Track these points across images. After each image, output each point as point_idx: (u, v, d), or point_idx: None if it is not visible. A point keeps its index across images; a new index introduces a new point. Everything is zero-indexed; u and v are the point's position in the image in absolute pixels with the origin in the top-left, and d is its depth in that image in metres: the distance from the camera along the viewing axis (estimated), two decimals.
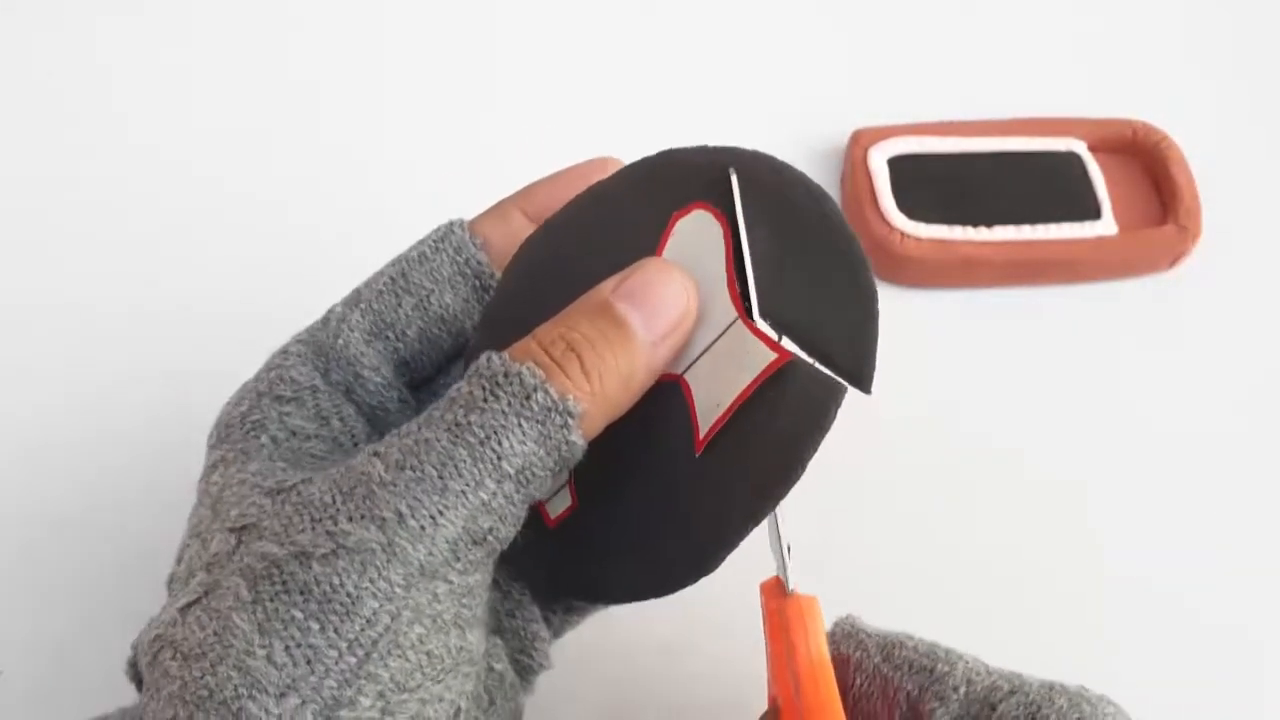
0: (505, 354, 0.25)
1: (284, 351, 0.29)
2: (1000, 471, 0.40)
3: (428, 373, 0.31)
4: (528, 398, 0.25)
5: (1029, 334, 0.44)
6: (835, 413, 0.26)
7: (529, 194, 0.32)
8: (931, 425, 0.41)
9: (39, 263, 0.44)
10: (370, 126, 0.47)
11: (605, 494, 0.28)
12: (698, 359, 0.27)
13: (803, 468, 0.26)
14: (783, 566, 0.27)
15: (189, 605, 0.24)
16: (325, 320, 0.30)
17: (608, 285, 0.27)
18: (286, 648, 0.23)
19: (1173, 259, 0.45)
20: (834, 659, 0.27)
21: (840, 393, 0.26)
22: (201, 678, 0.23)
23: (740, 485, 0.26)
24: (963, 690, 0.26)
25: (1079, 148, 0.46)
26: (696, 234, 0.28)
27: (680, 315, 0.27)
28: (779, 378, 0.26)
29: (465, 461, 0.24)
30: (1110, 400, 0.42)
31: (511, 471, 0.24)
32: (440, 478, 0.24)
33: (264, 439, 0.28)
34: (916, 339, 0.44)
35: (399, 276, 0.30)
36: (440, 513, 0.24)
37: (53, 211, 0.45)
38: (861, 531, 0.39)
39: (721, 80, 0.49)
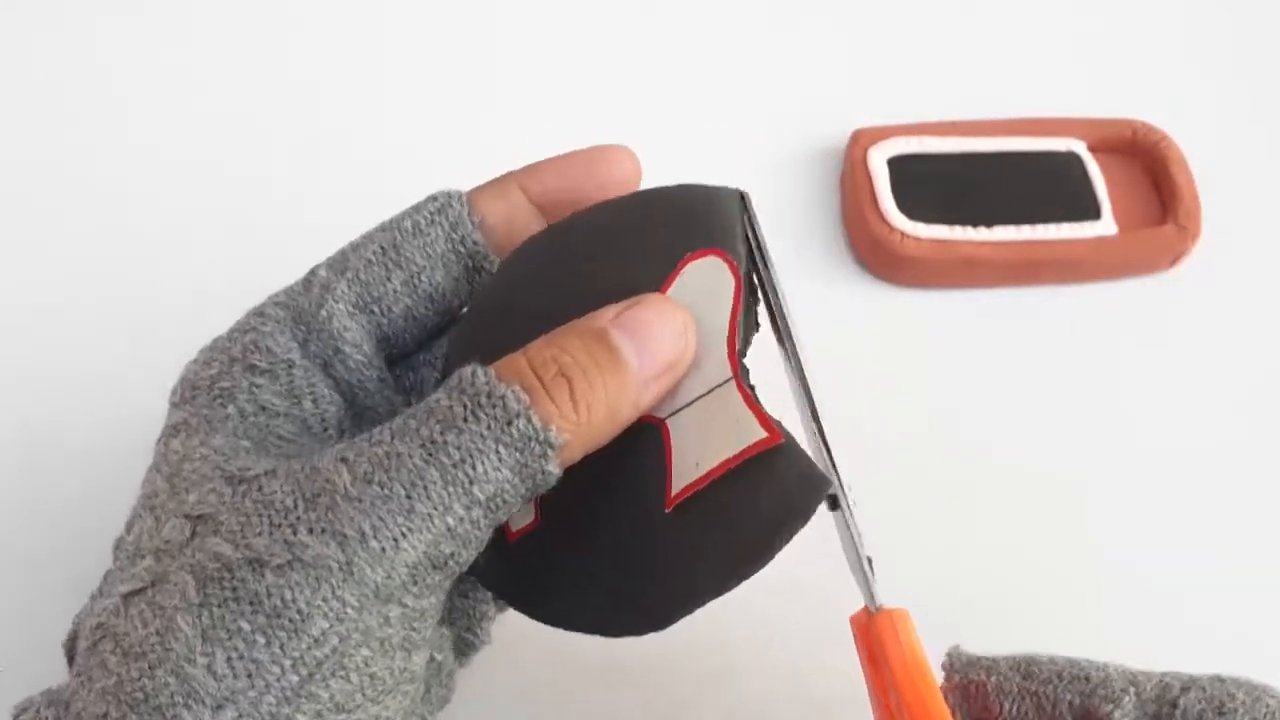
0: (492, 370, 0.24)
1: (260, 314, 0.28)
2: (1000, 471, 0.40)
3: (408, 349, 0.30)
4: (509, 423, 0.24)
5: (1029, 334, 0.44)
6: (817, 506, 0.25)
7: (534, 173, 0.31)
8: (931, 425, 0.41)
9: (39, 261, 0.44)
10: (372, 123, 0.47)
11: (569, 521, 0.27)
12: (684, 408, 0.26)
13: (774, 555, 0.24)
14: (866, 585, 0.26)
15: (134, 594, 0.24)
16: (307, 285, 0.29)
17: (607, 313, 0.26)
18: (229, 659, 0.22)
19: (1173, 259, 0.45)
20: (965, 687, 0.27)
21: (826, 488, 0.25)
22: (139, 679, 0.22)
23: (709, 557, 0.25)
24: (1132, 691, 0.26)
25: (1079, 148, 0.46)
26: (706, 281, 0.27)
27: (675, 357, 0.26)
28: (766, 458, 0.25)
29: (436, 483, 0.23)
30: (1110, 400, 0.42)
31: (482, 498, 0.24)
32: (408, 498, 0.23)
33: (231, 409, 0.26)
34: (916, 339, 0.44)
35: (390, 248, 0.29)
36: (404, 535, 0.23)
37: (52, 209, 0.45)
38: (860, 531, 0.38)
39: (721, 80, 0.49)
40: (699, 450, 0.25)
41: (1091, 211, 0.45)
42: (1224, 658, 0.37)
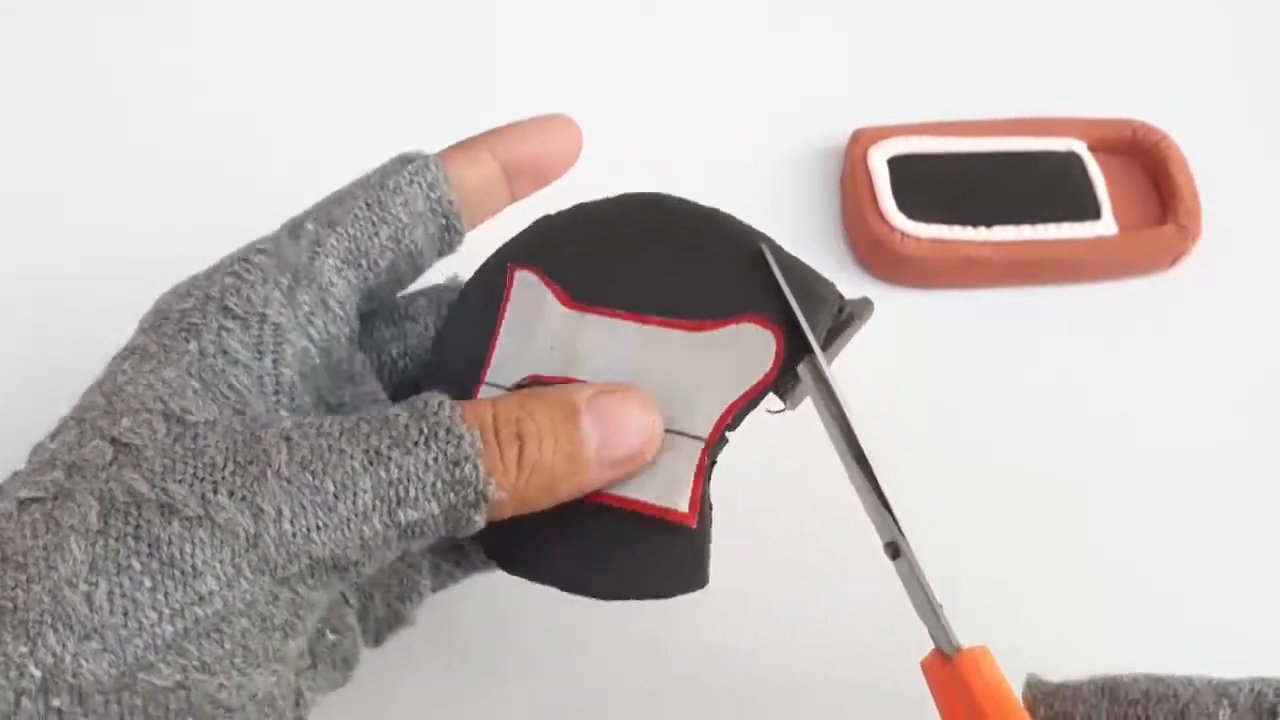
0: (458, 407, 0.25)
1: (245, 259, 0.28)
2: (1000, 471, 0.40)
3: (383, 303, 0.30)
4: (456, 464, 0.24)
5: (1029, 334, 0.44)
6: (679, 595, 0.27)
7: (501, 137, 0.31)
8: (931, 425, 0.41)
9: (38, 258, 0.44)
10: (372, 123, 0.47)
11: None
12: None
13: (616, 600, 0.27)
14: (940, 629, 0.26)
15: (32, 501, 0.23)
16: (295, 235, 0.29)
17: (585, 390, 0.26)
18: (110, 593, 0.22)
19: (1173, 259, 0.45)
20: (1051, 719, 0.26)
21: (698, 587, 0.27)
22: (13, 588, 0.22)
23: (577, 557, 0.27)
24: (1226, 704, 0.25)
25: (1079, 148, 0.46)
26: (749, 345, 0.27)
27: (633, 454, 0.26)
28: (674, 529, 0.26)
29: (366, 493, 0.24)
30: (1110, 400, 0.42)
31: (404, 522, 0.24)
32: (335, 496, 0.23)
33: (192, 346, 0.26)
34: (916, 339, 0.44)
35: (376, 204, 0.29)
36: (317, 529, 0.23)
37: (50, 209, 0.45)
38: (856, 531, 0.38)
39: (722, 80, 0.49)
40: (635, 478, 0.27)
41: (1091, 211, 0.45)
42: (1225, 658, 0.37)
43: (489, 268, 0.31)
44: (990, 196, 0.45)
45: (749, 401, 0.27)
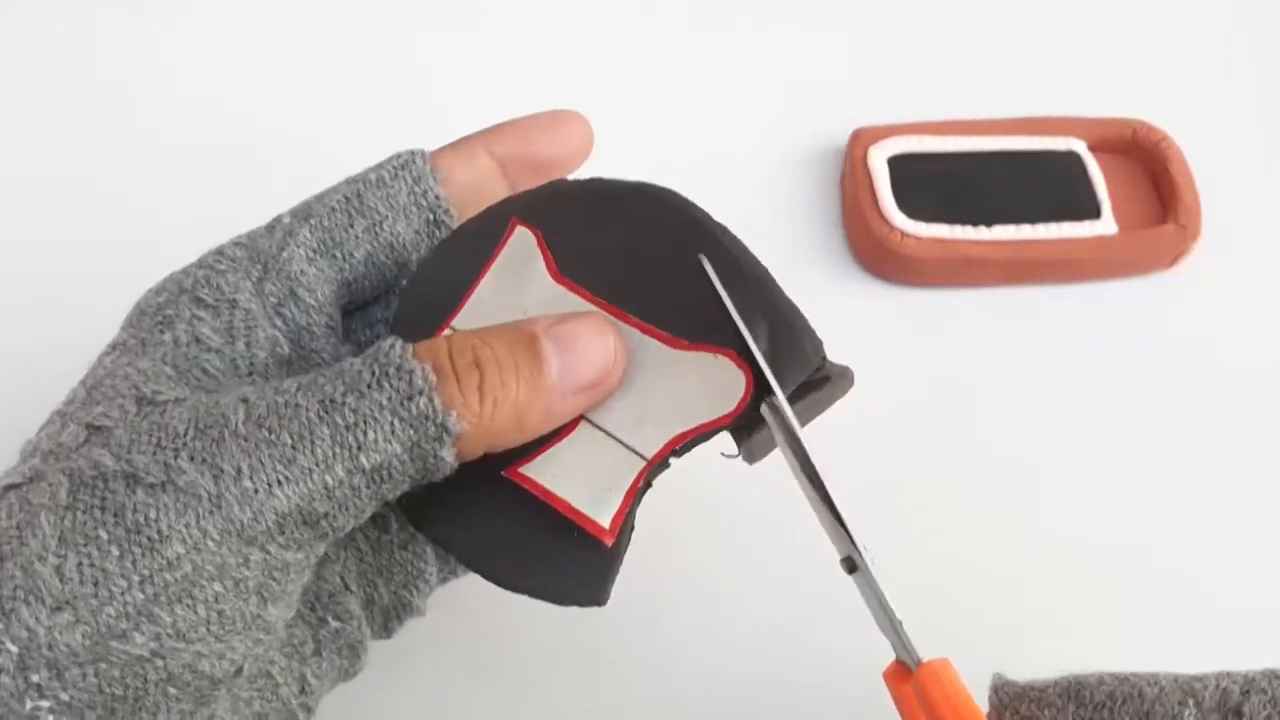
0: (410, 346, 0.25)
1: (219, 252, 0.29)
2: (1000, 471, 0.40)
3: (366, 297, 0.30)
4: (410, 399, 0.24)
5: (1029, 334, 0.44)
6: (564, 605, 0.27)
7: (498, 134, 0.31)
8: (931, 424, 0.41)
9: (40, 253, 0.44)
10: (372, 124, 0.47)
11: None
12: (599, 427, 0.27)
13: (508, 589, 0.27)
14: (900, 643, 0.26)
15: (11, 487, 0.24)
16: (271, 228, 0.29)
17: (542, 320, 0.26)
18: (79, 564, 0.22)
19: (1173, 259, 0.45)
20: None
21: (588, 604, 0.26)
22: None
23: (485, 535, 0.27)
24: (1191, 704, 0.25)
25: (1079, 147, 0.46)
26: (718, 380, 0.27)
27: (599, 378, 0.26)
28: (586, 538, 0.26)
29: (324, 440, 0.23)
30: (1110, 400, 0.42)
31: (367, 466, 0.24)
32: (293, 448, 0.23)
33: (167, 336, 0.27)
34: (916, 339, 0.44)
35: (354, 197, 0.29)
36: (279, 483, 0.23)
37: (51, 206, 0.45)
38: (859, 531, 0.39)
39: (722, 79, 0.49)
40: (566, 473, 0.27)
41: (1091, 211, 0.45)
42: (1227, 657, 0.37)
43: (491, 214, 0.30)
44: (990, 196, 0.45)
45: (702, 435, 0.27)
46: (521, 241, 0.29)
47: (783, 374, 0.26)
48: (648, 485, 0.27)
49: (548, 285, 0.28)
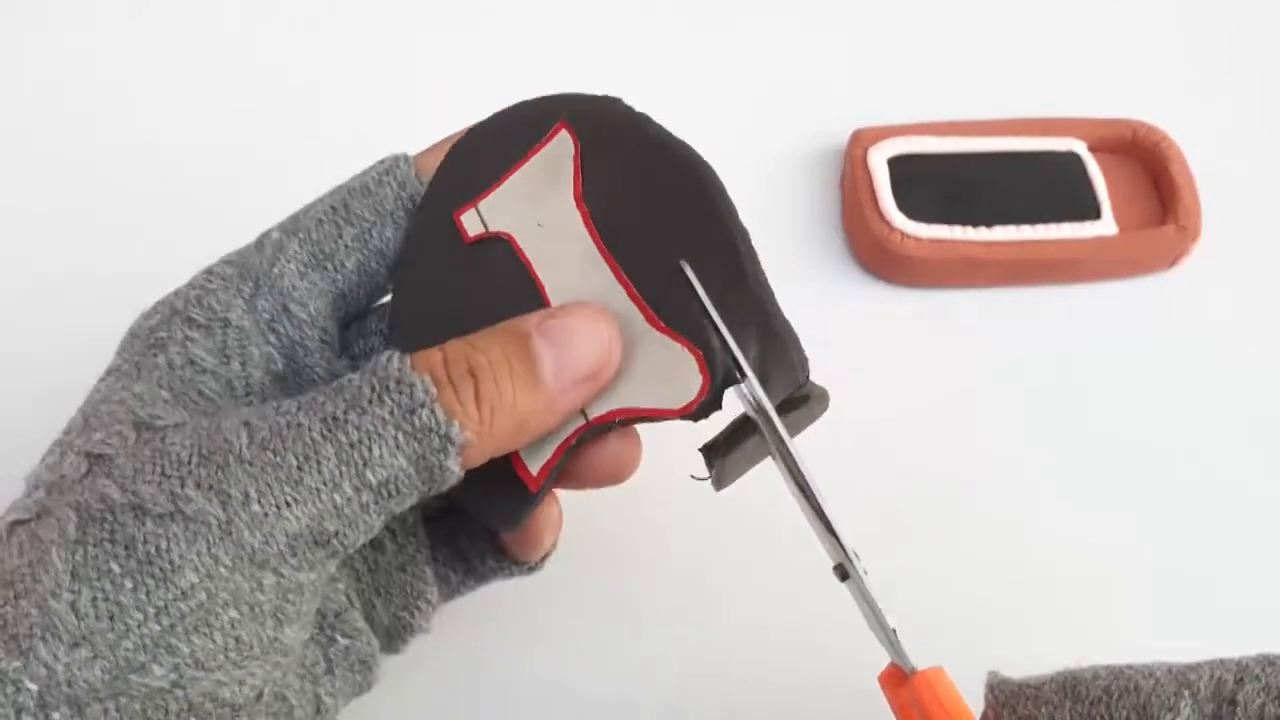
0: (407, 358, 0.25)
1: (209, 272, 0.28)
2: (999, 471, 0.40)
3: (361, 306, 0.30)
4: (412, 412, 0.24)
5: (1029, 334, 0.44)
6: (490, 526, 0.29)
7: None
8: (931, 425, 0.41)
9: (40, 253, 0.44)
10: (369, 118, 0.47)
11: None
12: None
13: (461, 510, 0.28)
14: (893, 650, 0.26)
15: (19, 523, 0.24)
16: (260, 245, 0.29)
17: (533, 317, 0.26)
18: (94, 599, 0.22)
19: (1173, 259, 0.45)
20: None
21: (502, 530, 0.29)
22: (2, 606, 0.22)
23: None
24: (1187, 695, 0.25)
25: (1079, 148, 0.46)
26: (669, 363, 0.26)
27: (596, 369, 0.26)
28: (518, 481, 0.27)
29: (329, 459, 0.23)
30: (1110, 400, 0.42)
31: (374, 482, 0.24)
32: (299, 469, 0.23)
33: (161, 359, 0.27)
34: (916, 339, 0.44)
35: (340, 206, 0.29)
36: (287, 504, 0.23)
37: (48, 205, 0.45)
38: (858, 531, 0.38)
39: (722, 79, 0.49)
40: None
41: (1091, 211, 0.45)
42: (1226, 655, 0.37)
43: (540, 107, 0.29)
44: (990, 196, 0.45)
45: (643, 418, 0.26)
46: (561, 146, 0.29)
47: (770, 387, 0.26)
48: (580, 442, 0.27)
49: (568, 204, 0.28)
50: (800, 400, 0.27)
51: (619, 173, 0.28)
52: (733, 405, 0.27)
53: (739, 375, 0.26)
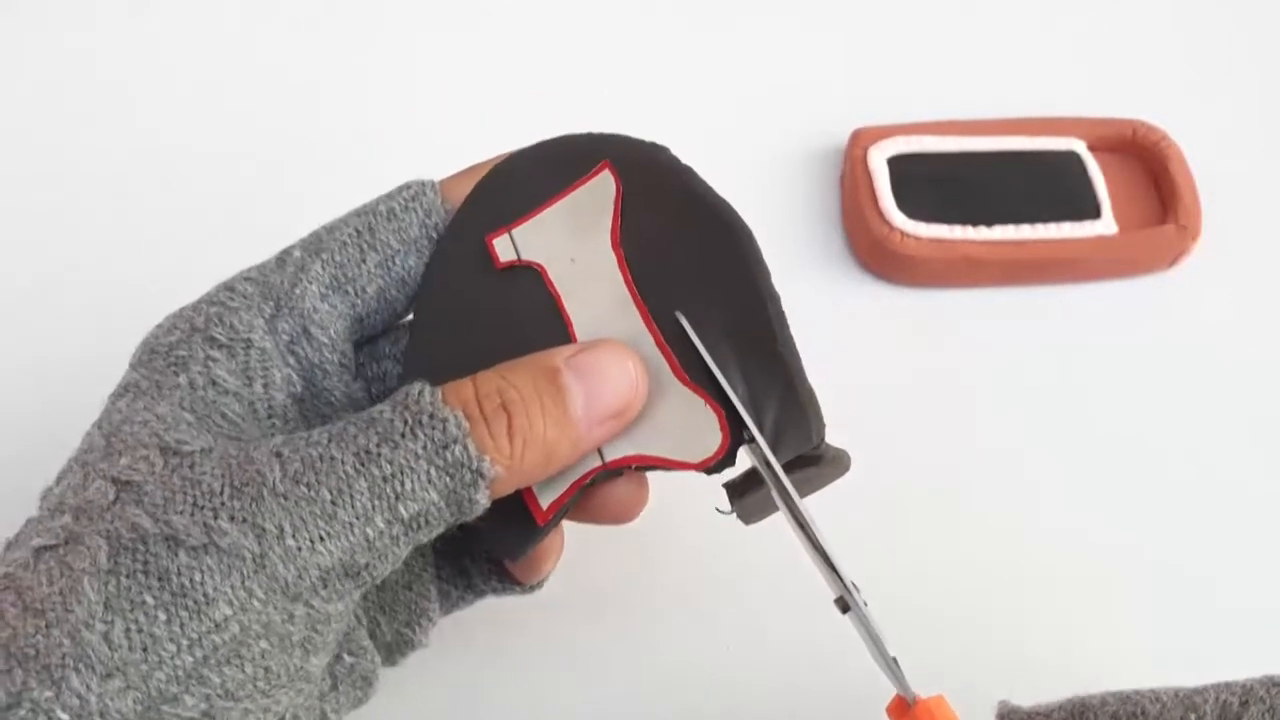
0: (439, 392, 0.25)
1: (230, 288, 0.28)
2: (999, 470, 0.40)
3: (375, 331, 0.30)
4: (445, 447, 0.24)
5: (1029, 334, 0.44)
6: (496, 556, 0.30)
7: None
8: (930, 424, 0.41)
9: (40, 253, 0.44)
10: (370, 119, 0.47)
11: None
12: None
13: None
14: (896, 679, 0.26)
15: (46, 549, 0.24)
16: (281, 263, 0.29)
17: (563, 351, 0.26)
18: (127, 630, 0.22)
19: (1173, 259, 0.45)
20: None
21: (504, 558, 0.29)
22: (34, 635, 0.22)
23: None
24: (1193, 717, 0.25)
25: (1079, 147, 0.46)
26: (689, 416, 0.27)
27: (624, 405, 0.26)
28: (526, 513, 0.27)
29: (362, 494, 0.23)
30: (1110, 400, 0.42)
31: (406, 516, 0.24)
32: (333, 503, 0.23)
33: (182, 379, 0.26)
34: (916, 339, 0.44)
35: (365, 230, 0.29)
36: (322, 539, 0.23)
37: (48, 205, 0.45)
38: (859, 531, 0.38)
39: (722, 79, 0.49)
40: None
41: (1091, 211, 0.45)
42: (1228, 657, 0.37)
43: (584, 145, 0.29)
44: (990, 196, 0.45)
45: (658, 467, 0.27)
46: (603, 186, 0.29)
47: (781, 450, 0.26)
48: (593, 483, 0.27)
49: (604, 245, 0.28)
50: (814, 459, 0.27)
51: (658, 222, 0.28)
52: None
53: (748, 438, 0.26)
